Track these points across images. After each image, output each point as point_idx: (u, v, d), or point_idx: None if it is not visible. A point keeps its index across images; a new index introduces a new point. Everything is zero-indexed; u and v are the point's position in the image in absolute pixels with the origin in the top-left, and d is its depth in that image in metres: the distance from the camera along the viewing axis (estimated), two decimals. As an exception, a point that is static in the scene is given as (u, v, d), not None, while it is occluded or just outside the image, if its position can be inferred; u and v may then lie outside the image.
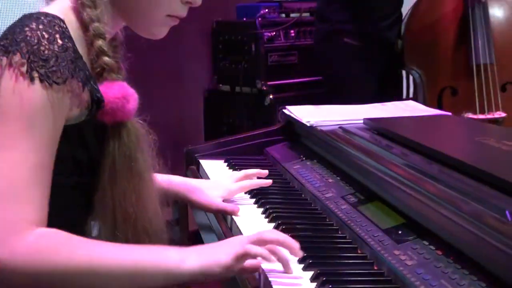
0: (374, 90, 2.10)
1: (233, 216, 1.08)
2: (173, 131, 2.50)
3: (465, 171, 0.93)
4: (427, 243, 0.85)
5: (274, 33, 2.46)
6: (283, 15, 2.52)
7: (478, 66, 2.04)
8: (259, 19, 2.43)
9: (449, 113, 1.45)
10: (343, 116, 1.39)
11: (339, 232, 0.99)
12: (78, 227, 0.92)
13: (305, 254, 0.85)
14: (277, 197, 1.19)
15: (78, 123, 0.87)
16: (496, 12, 2.12)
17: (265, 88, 2.41)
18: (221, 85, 2.58)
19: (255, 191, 1.19)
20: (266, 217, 1.07)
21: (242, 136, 1.55)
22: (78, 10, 0.90)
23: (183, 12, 0.94)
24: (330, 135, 1.25)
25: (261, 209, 1.11)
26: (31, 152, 0.80)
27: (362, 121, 1.32)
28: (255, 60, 2.44)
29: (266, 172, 1.23)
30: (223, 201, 1.14)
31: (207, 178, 1.31)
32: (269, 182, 1.20)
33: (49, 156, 0.82)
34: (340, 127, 1.29)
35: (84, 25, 0.89)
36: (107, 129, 0.90)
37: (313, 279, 0.80)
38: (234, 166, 1.37)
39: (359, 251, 0.91)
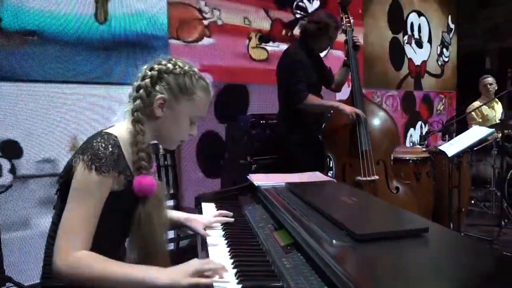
0: (311, 165, 1.96)
1: (206, 237, 1.05)
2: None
3: (322, 213, 0.93)
4: (300, 255, 0.83)
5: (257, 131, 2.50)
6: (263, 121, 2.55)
7: (362, 151, 2.05)
8: (249, 123, 2.48)
9: (334, 180, 1.38)
10: (278, 180, 1.34)
11: (259, 246, 0.96)
12: (121, 244, 0.92)
13: (235, 259, 0.84)
14: (234, 225, 1.14)
15: (121, 191, 0.86)
16: (373, 121, 2.15)
17: (252, 160, 2.45)
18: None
19: (225, 223, 1.14)
20: (223, 236, 1.04)
21: (226, 189, 1.51)
22: (133, 133, 0.88)
23: (188, 138, 0.97)
24: (265, 191, 1.24)
25: (223, 232, 1.07)
26: (85, 209, 0.80)
27: (284, 184, 1.30)
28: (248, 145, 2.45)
29: (231, 214, 1.17)
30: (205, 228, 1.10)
31: (202, 213, 1.27)
32: (231, 220, 1.14)
33: (96, 212, 0.81)
34: (272, 187, 1.28)
35: (134, 142, 0.88)
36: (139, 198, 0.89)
37: (235, 274, 0.79)
38: (219, 207, 1.32)
39: (266, 257, 0.88)
